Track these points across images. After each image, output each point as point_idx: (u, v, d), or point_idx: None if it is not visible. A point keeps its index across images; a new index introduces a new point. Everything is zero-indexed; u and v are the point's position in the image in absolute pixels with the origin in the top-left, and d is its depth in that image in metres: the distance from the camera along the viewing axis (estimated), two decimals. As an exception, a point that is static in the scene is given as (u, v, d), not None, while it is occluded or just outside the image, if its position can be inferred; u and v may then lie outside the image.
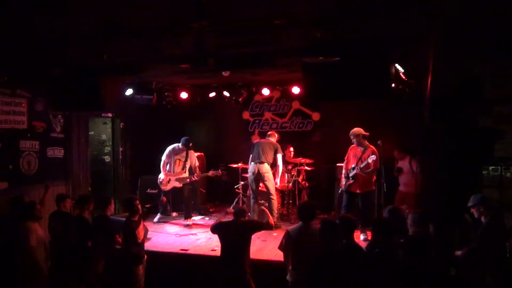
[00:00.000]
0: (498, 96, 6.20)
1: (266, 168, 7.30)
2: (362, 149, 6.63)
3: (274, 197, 7.36)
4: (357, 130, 6.71)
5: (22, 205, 5.21)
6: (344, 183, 6.81)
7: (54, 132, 7.56)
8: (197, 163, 8.08)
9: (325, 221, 4.11)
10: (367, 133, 6.73)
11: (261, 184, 7.51)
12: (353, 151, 6.79)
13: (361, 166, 6.51)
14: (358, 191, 6.64)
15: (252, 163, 7.41)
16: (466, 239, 4.85)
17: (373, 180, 6.71)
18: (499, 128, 6.20)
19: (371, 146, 6.66)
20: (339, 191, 7.03)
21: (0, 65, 6.19)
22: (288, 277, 4.52)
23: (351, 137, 6.75)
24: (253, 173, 7.36)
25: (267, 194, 7.38)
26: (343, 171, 6.89)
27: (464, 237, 4.99)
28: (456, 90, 6.26)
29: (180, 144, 7.89)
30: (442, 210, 5.85)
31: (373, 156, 6.44)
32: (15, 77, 6.66)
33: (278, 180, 7.58)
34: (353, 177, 6.62)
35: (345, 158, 6.94)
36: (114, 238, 5.23)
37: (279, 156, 7.44)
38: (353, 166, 6.66)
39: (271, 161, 7.39)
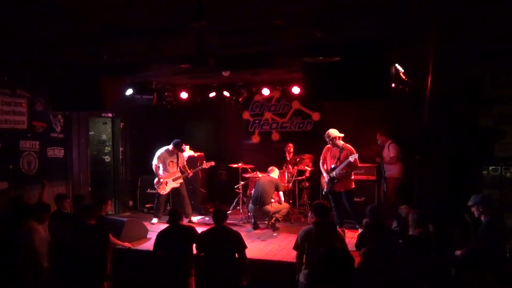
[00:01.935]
0: (498, 96, 6.20)
1: (268, 209, 7.27)
2: (339, 149, 6.65)
3: (284, 209, 7.44)
4: (332, 132, 6.73)
5: (30, 205, 5.19)
6: (326, 184, 6.82)
7: (54, 132, 7.56)
8: (184, 162, 8.16)
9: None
10: (342, 134, 6.77)
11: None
12: (330, 152, 6.83)
13: (339, 169, 6.59)
14: (342, 190, 6.68)
15: (251, 204, 7.38)
16: (466, 239, 4.86)
17: (353, 179, 6.78)
18: (499, 128, 6.20)
19: (347, 145, 6.70)
20: (323, 193, 6.98)
21: (0, 65, 6.20)
22: (300, 278, 4.41)
23: (327, 139, 6.78)
24: (253, 211, 7.40)
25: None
26: (323, 173, 6.90)
27: (464, 237, 4.99)
28: (456, 90, 6.27)
29: (171, 147, 7.88)
30: (442, 210, 5.86)
31: (355, 155, 6.53)
32: (15, 77, 6.67)
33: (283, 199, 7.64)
34: (334, 177, 6.65)
35: (321, 159, 6.97)
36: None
37: (281, 194, 7.45)
38: (332, 166, 6.70)
39: (271, 199, 7.35)
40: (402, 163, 7.58)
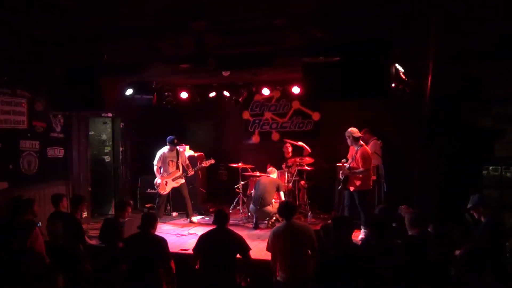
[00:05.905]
0: (498, 96, 6.20)
1: (269, 210, 7.29)
2: (356, 149, 6.64)
3: None
4: (350, 130, 6.70)
5: (19, 201, 5.21)
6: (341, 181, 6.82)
7: (54, 132, 7.56)
8: (187, 161, 8.16)
9: (336, 217, 4.18)
10: (360, 134, 6.73)
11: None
12: (350, 151, 6.82)
13: (348, 166, 6.58)
14: (351, 188, 6.63)
15: (252, 205, 7.40)
16: (466, 239, 4.85)
17: (370, 181, 6.65)
18: (499, 128, 6.21)
19: (365, 146, 6.65)
20: (339, 188, 7.03)
21: (0, 65, 6.20)
22: (278, 278, 4.46)
23: (346, 136, 6.75)
24: (254, 211, 7.41)
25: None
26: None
27: (464, 237, 4.99)
28: (456, 90, 6.27)
29: (168, 146, 7.94)
30: (442, 210, 5.86)
31: (360, 155, 6.46)
32: (15, 77, 6.67)
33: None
34: (344, 175, 6.65)
35: (348, 157, 6.96)
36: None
37: (282, 194, 7.44)
38: (346, 165, 6.69)
39: (272, 200, 7.37)
40: (380, 161, 7.50)
